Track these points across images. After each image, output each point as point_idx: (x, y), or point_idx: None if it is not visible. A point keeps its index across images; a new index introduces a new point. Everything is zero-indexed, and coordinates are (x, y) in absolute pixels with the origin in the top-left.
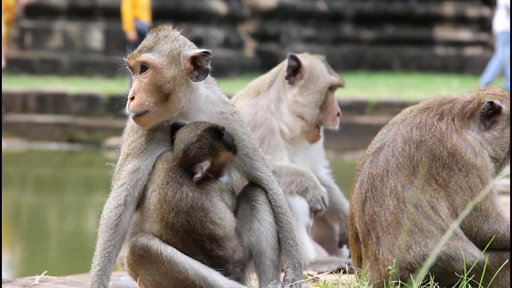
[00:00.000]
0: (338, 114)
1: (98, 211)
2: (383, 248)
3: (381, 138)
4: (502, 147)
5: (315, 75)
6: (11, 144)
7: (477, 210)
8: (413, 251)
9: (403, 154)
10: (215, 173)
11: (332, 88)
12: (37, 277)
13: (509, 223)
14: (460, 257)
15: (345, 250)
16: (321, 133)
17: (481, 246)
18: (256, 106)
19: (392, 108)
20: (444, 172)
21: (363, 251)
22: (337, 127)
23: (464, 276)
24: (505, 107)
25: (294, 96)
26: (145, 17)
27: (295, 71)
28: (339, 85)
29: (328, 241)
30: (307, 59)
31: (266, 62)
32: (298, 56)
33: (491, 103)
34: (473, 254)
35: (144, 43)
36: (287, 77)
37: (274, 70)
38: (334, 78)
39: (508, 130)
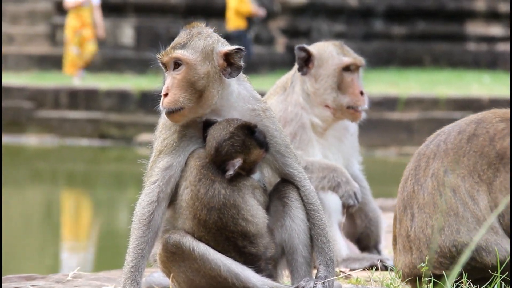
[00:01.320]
0: (362, 93)
1: (130, 207)
2: (415, 226)
3: (444, 127)
4: None
5: (324, 59)
6: (43, 140)
7: None
8: (445, 233)
9: (454, 142)
10: (247, 170)
11: (347, 68)
12: (70, 273)
13: None
14: (491, 250)
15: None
16: (362, 113)
17: None
18: (285, 102)
19: (423, 104)
20: (490, 170)
21: (397, 229)
22: (365, 106)
23: (497, 272)
24: None
25: (311, 86)
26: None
27: (306, 61)
28: (353, 64)
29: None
30: (316, 47)
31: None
32: (308, 46)
33: None
34: (507, 249)
35: (178, 39)
36: (299, 69)
37: (295, 64)
38: (345, 58)
39: None
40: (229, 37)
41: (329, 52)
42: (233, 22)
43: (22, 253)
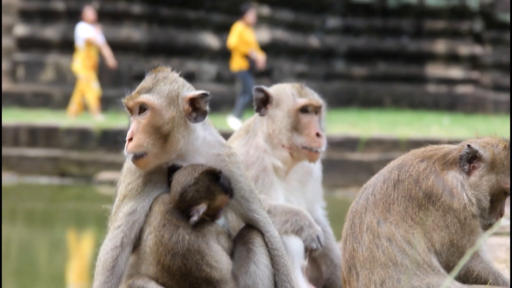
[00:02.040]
0: (318, 135)
1: (89, 246)
2: (360, 284)
3: (370, 180)
4: (483, 195)
5: (280, 101)
6: (2, 178)
7: (453, 246)
8: (386, 285)
9: (381, 192)
10: (211, 215)
11: (304, 110)
12: None
13: (488, 264)
14: None
15: None
16: (319, 154)
17: (461, 281)
18: (247, 146)
19: (384, 145)
20: (421, 212)
21: None
22: (322, 147)
23: None
24: (486, 155)
25: (269, 127)
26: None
27: (265, 102)
28: (309, 105)
29: (325, 282)
30: (274, 88)
31: None
32: (266, 87)
33: (469, 146)
34: None
35: (143, 84)
36: (256, 110)
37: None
38: (300, 99)
39: (489, 178)
40: (234, 78)
41: (285, 93)
42: (236, 63)
43: None
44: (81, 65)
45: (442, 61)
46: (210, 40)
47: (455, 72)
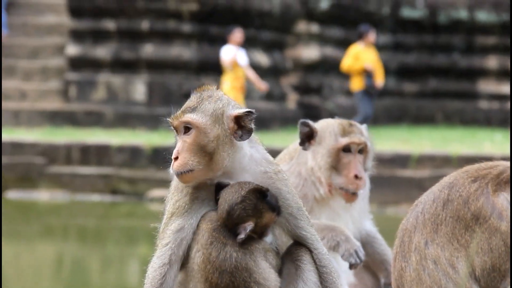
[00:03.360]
0: (356, 177)
1: (140, 263)
2: None
3: (421, 196)
4: None
5: (323, 138)
6: (54, 196)
7: (495, 270)
8: None
9: (430, 211)
10: (259, 233)
11: (346, 149)
12: None
13: None
14: None
15: None
16: (359, 194)
17: None
18: (288, 173)
19: (435, 161)
20: (467, 234)
21: None
22: (360, 190)
23: None
24: None
25: (311, 161)
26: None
27: (309, 137)
28: (352, 145)
29: None
30: (320, 123)
31: (308, 115)
32: (312, 122)
33: None
34: None
35: (188, 103)
36: (300, 144)
37: None
38: (342, 139)
39: None
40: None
41: (329, 131)
42: (355, 84)
43: None
44: (230, 87)
45: (494, 76)
46: (259, 57)
47: (507, 88)
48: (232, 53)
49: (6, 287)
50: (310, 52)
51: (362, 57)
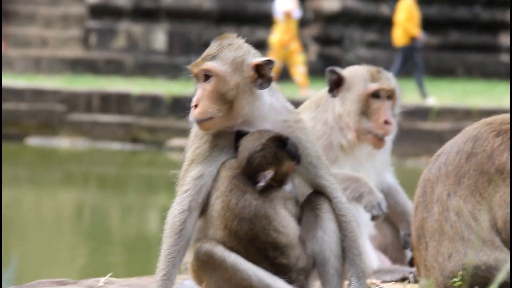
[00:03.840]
0: (386, 122)
1: (160, 212)
2: (429, 255)
3: (444, 146)
4: None
5: (352, 84)
6: (75, 143)
7: None
8: (454, 259)
9: (453, 163)
10: (278, 181)
11: (375, 95)
12: (102, 279)
13: None
14: (501, 269)
15: (409, 256)
16: (387, 140)
17: None
18: (315, 120)
19: (456, 114)
20: (490, 187)
21: (417, 257)
22: (389, 135)
23: None
24: None
25: (339, 108)
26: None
27: (338, 83)
28: (381, 91)
29: (392, 249)
30: (348, 70)
31: (328, 66)
32: (340, 69)
33: None
34: None
35: (208, 51)
36: (329, 91)
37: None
38: (371, 84)
39: None
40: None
41: (358, 77)
42: (399, 39)
43: (54, 257)
44: (278, 39)
45: None
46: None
47: None
48: (289, 4)
49: (26, 233)
50: (331, 3)
51: (413, 14)
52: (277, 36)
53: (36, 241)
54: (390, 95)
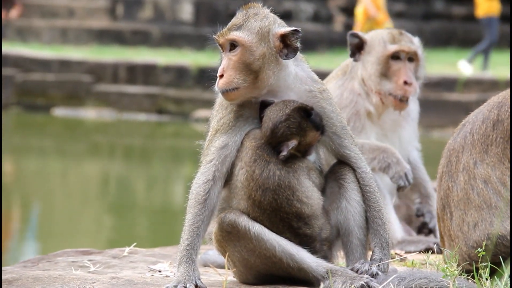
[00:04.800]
0: (406, 83)
1: (185, 183)
2: (454, 224)
3: (469, 116)
4: None
5: (373, 46)
6: (101, 114)
7: None
8: (479, 228)
9: (479, 132)
10: (302, 152)
11: (396, 57)
12: (127, 249)
13: None
14: None
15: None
16: (409, 103)
17: None
18: (342, 88)
19: (482, 85)
20: None
21: (441, 227)
22: (409, 96)
23: None
24: None
25: (362, 72)
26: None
27: (359, 48)
28: (401, 52)
29: (416, 220)
30: (370, 34)
31: None
32: (361, 33)
33: None
34: None
35: (234, 20)
36: (351, 55)
37: None
38: (391, 46)
39: None
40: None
41: (379, 39)
42: (481, 8)
43: (79, 227)
44: (363, 10)
45: None
46: None
47: None
48: None
49: (53, 203)
50: None
51: None
52: (362, 6)
53: (62, 212)
54: (412, 57)
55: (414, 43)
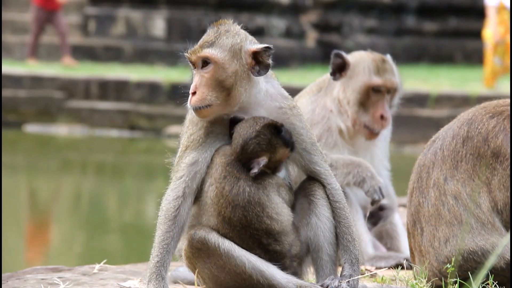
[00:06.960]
0: (382, 117)
1: (157, 199)
2: (425, 240)
3: (439, 132)
4: None
5: (356, 72)
6: (73, 130)
7: None
8: (450, 244)
9: (449, 148)
10: (272, 168)
11: (376, 89)
12: (97, 266)
13: None
14: (499, 254)
15: (402, 245)
16: (381, 132)
17: None
18: (315, 104)
19: (454, 101)
20: (488, 171)
21: (411, 243)
22: (383, 130)
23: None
24: None
25: (340, 93)
26: None
27: (342, 68)
28: (382, 86)
29: (386, 236)
30: (354, 56)
31: (327, 53)
32: (345, 54)
33: None
34: None
35: (205, 37)
36: (331, 74)
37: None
38: (375, 78)
39: None
40: None
41: (363, 66)
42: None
43: (50, 244)
44: (494, 30)
45: None
46: None
47: None
48: None
49: (24, 219)
50: None
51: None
52: (491, 29)
53: (32, 228)
54: (389, 91)
55: (395, 73)
